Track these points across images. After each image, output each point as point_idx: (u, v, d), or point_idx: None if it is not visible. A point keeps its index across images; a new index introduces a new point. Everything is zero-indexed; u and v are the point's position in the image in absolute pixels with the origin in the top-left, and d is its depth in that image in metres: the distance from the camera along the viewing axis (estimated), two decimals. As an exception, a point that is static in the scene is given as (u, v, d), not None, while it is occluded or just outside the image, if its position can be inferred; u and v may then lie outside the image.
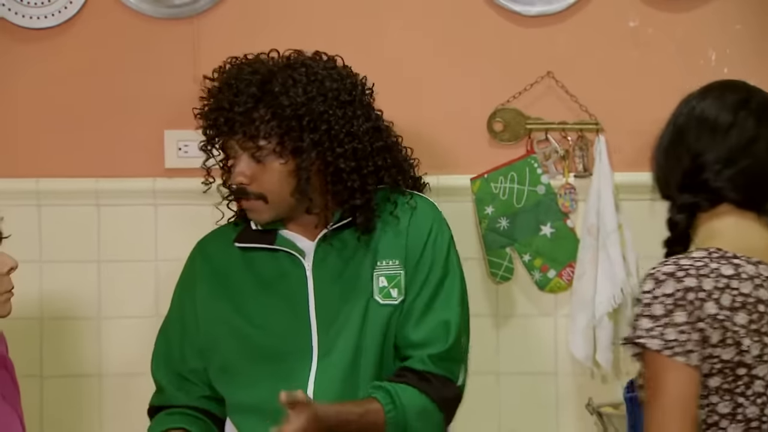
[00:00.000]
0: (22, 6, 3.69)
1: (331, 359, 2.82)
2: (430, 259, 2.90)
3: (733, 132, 2.68)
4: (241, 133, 2.80)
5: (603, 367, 3.55)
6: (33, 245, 3.66)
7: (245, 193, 2.82)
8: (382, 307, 2.85)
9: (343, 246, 2.86)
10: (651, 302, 2.53)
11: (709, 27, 3.65)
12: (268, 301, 2.86)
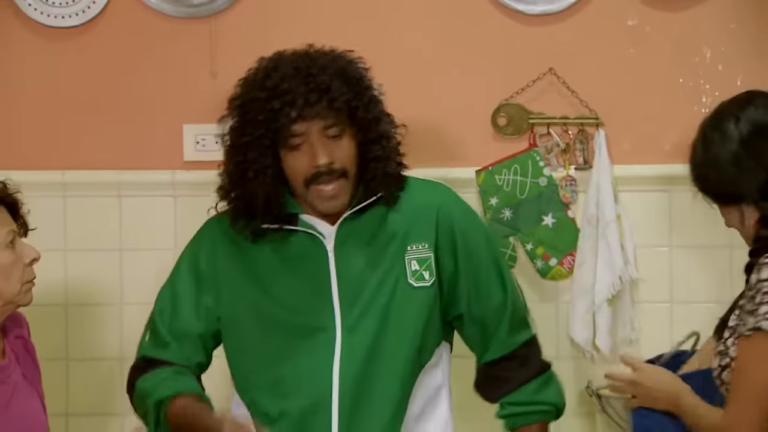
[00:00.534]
0: (47, 6, 3.72)
1: (357, 337, 2.77)
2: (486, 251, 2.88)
3: None
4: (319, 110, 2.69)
5: (602, 351, 3.57)
6: (58, 234, 3.68)
7: (332, 171, 2.71)
8: (417, 290, 2.81)
9: (364, 229, 2.81)
10: None
11: (704, 26, 3.65)
12: (289, 280, 2.80)
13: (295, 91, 2.68)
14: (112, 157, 3.74)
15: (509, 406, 2.89)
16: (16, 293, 2.81)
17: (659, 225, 3.64)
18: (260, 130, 2.73)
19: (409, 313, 2.80)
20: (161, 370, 2.84)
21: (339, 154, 2.72)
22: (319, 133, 2.70)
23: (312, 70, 2.72)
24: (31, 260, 2.85)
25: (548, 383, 2.91)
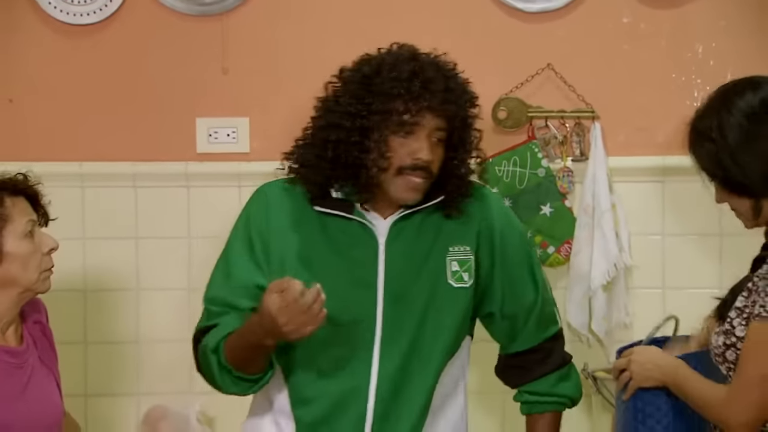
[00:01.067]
0: (66, 4, 3.73)
1: (397, 332, 2.76)
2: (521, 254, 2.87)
3: None
4: (443, 113, 2.67)
5: (597, 335, 3.60)
6: (77, 223, 3.69)
7: (427, 169, 2.69)
8: (456, 290, 2.80)
9: (414, 228, 2.78)
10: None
11: (696, 23, 3.66)
12: (337, 265, 2.76)
13: (435, 83, 2.66)
14: (127, 150, 3.74)
15: (527, 395, 2.92)
16: (34, 281, 2.80)
17: (652, 214, 3.67)
18: (386, 105, 2.66)
19: (446, 311, 2.80)
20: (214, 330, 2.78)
21: (436, 158, 2.71)
22: (432, 131, 2.69)
23: (450, 75, 2.72)
24: (49, 249, 2.84)
25: (567, 377, 2.93)
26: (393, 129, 2.68)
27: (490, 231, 2.83)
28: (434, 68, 2.70)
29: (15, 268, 2.76)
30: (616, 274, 3.59)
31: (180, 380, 3.35)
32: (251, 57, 3.73)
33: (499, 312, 2.87)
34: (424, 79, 2.64)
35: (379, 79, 2.65)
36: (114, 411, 3.74)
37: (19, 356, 2.81)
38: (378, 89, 2.65)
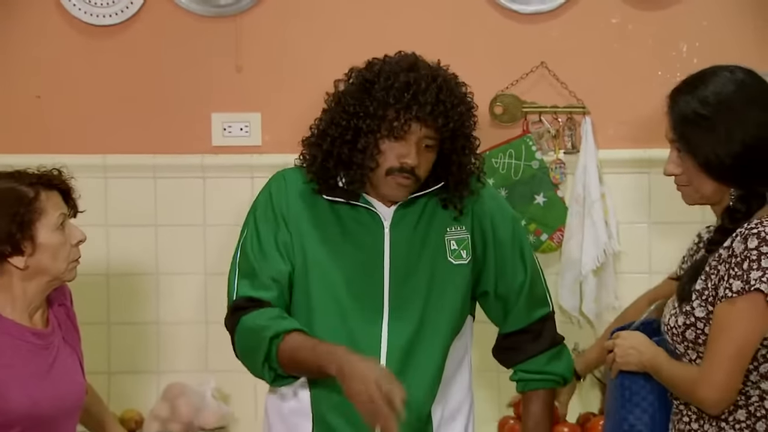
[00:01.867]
0: (89, 6, 3.74)
1: (403, 309, 2.78)
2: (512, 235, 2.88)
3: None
4: (432, 124, 2.68)
5: (588, 316, 3.62)
6: (100, 212, 3.70)
7: (413, 173, 2.72)
8: (456, 267, 2.82)
9: (414, 213, 2.81)
10: (759, 257, 2.53)
11: (680, 23, 3.66)
12: (349, 247, 2.79)
13: (426, 95, 2.68)
14: (147, 143, 3.76)
15: (521, 373, 2.93)
16: (62, 271, 2.79)
17: (639, 203, 3.67)
18: (381, 111, 2.69)
19: (449, 287, 2.82)
20: (268, 309, 2.75)
21: (424, 163, 2.74)
22: (420, 138, 2.71)
23: (444, 86, 2.72)
24: (77, 241, 2.83)
25: (558, 356, 2.94)
26: (384, 133, 2.71)
27: (482, 214, 2.85)
28: (428, 80, 2.72)
29: (46, 258, 2.75)
30: (605, 260, 3.60)
31: (197, 359, 3.36)
32: (263, 56, 3.74)
33: (493, 292, 2.88)
34: (416, 91, 2.67)
35: (377, 86, 2.69)
36: (135, 388, 3.74)
37: (45, 338, 2.82)
38: (374, 95, 2.69)
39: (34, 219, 2.73)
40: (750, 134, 2.59)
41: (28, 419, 2.70)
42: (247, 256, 2.80)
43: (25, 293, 2.77)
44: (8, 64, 3.79)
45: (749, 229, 2.55)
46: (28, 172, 2.81)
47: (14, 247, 2.71)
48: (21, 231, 2.71)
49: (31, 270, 2.75)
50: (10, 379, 2.69)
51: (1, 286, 2.75)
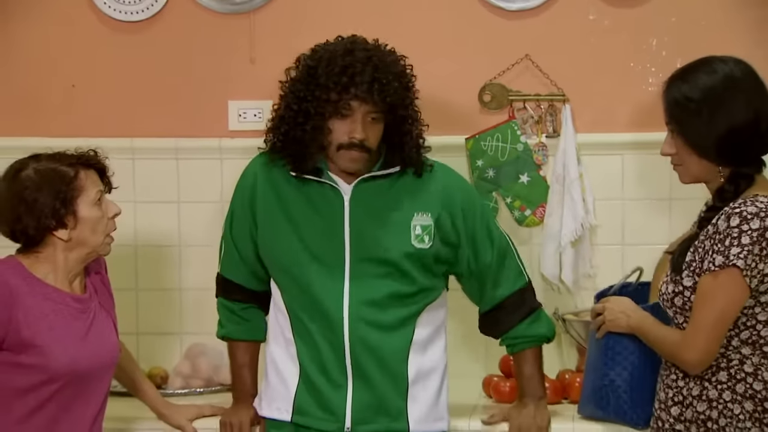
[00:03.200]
0: (118, 4, 3.75)
1: (364, 278, 2.84)
2: (480, 220, 2.93)
3: None
4: (371, 100, 2.74)
5: (566, 283, 3.63)
6: (128, 190, 3.61)
7: (362, 146, 2.78)
8: (417, 250, 2.86)
9: (378, 193, 2.87)
10: (740, 234, 2.55)
11: (651, 19, 3.64)
12: (313, 219, 2.86)
13: (362, 75, 2.73)
14: (170, 127, 3.77)
15: (508, 340, 3.02)
16: (100, 243, 2.84)
17: (613, 182, 3.67)
18: (324, 95, 2.75)
19: (409, 267, 2.86)
20: (234, 304, 3.03)
21: (371, 135, 2.79)
22: (364, 114, 2.77)
23: (380, 65, 2.76)
24: (113, 214, 2.88)
25: (537, 320, 3.01)
26: (330, 113, 2.77)
27: (450, 200, 2.90)
28: (364, 61, 2.76)
29: (86, 231, 2.80)
30: (583, 233, 3.60)
31: (216, 322, 3.33)
32: (275, 49, 3.73)
33: (467, 272, 2.95)
34: (353, 72, 2.73)
35: (319, 72, 2.76)
36: (161, 347, 3.76)
37: (83, 303, 2.85)
38: (318, 80, 2.76)
39: (75, 195, 2.78)
40: (735, 119, 2.63)
41: (70, 375, 2.75)
42: (226, 237, 3.04)
43: (66, 263, 2.81)
44: (46, 56, 3.80)
45: (733, 209, 2.59)
46: (68, 153, 2.86)
47: (59, 221, 2.76)
48: (64, 206, 2.76)
49: (73, 242, 2.80)
50: (53, 339, 2.74)
51: (45, 256, 2.80)
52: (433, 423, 2.90)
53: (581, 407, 3.09)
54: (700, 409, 2.67)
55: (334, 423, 2.84)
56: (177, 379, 3.57)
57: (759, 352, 2.64)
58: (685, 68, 2.74)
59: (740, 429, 2.64)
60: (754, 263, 2.56)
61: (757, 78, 2.70)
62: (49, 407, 2.74)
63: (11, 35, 3.80)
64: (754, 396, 2.63)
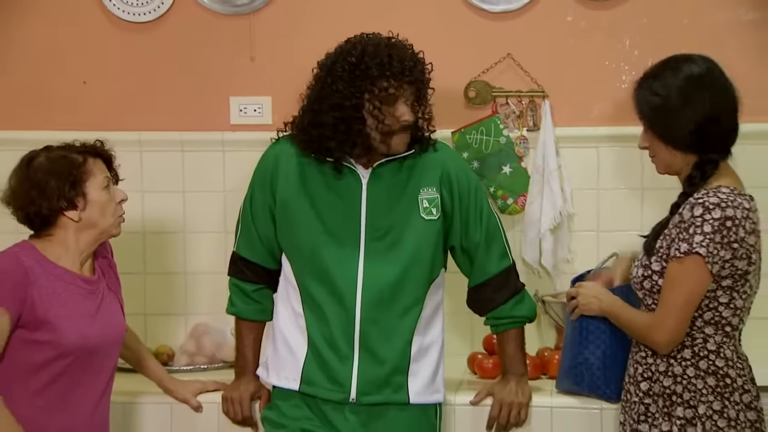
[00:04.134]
0: (127, 6, 3.76)
1: (375, 251, 2.84)
2: (474, 198, 2.95)
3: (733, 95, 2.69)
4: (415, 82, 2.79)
5: (546, 267, 3.66)
6: (136, 180, 3.73)
7: (411, 127, 2.83)
8: (427, 222, 2.88)
9: (390, 174, 2.87)
10: (702, 223, 2.57)
11: (624, 20, 3.65)
12: (331, 199, 2.86)
13: (406, 63, 2.77)
14: (176, 121, 3.78)
15: (492, 319, 3.04)
16: (110, 225, 2.87)
17: (590, 173, 3.68)
18: (373, 84, 2.75)
19: (420, 239, 2.88)
20: (246, 285, 3.03)
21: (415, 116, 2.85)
22: (408, 98, 2.81)
23: (409, 54, 2.80)
24: (120, 200, 2.91)
25: (521, 301, 3.03)
26: (381, 101, 2.76)
27: (449, 177, 2.92)
28: (402, 50, 2.81)
29: (95, 213, 2.83)
30: (561, 220, 3.61)
31: (218, 303, 3.27)
32: (273, 48, 3.77)
33: (459, 246, 2.97)
34: (399, 59, 2.76)
35: (364, 65, 2.76)
36: (167, 327, 3.77)
37: (93, 284, 2.88)
38: (365, 73, 2.76)
39: (84, 179, 2.81)
40: (700, 114, 2.65)
41: (80, 350, 2.78)
42: (246, 216, 2.99)
43: (78, 245, 2.84)
44: (60, 54, 3.80)
45: (696, 199, 2.62)
46: (76, 144, 2.89)
47: (69, 202, 2.79)
48: (74, 189, 2.80)
49: (83, 223, 2.82)
50: (65, 317, 2.76)
51: (58, 239, 2.83)
52: (430, 395, 2.93)
53: (558, 383, 3.12)
54: (666, 384, 2.71)
55: (340, 393, 2.85)
56: (182, 356, 3.58)
57: (721, 331, 2.68)
58: (654, 68, 2.76)
59: (702, 402, 2.67)
60: (716, 250, 2.59)
61: (721, 74, 2.72)
62: (61, 381, 2.77)
63: (27, 35, 3.81)
64: (716, 372, 2.67)
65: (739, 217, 2.59)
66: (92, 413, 2.84)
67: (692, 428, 2.68)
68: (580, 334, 2.99)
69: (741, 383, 2.68)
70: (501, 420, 3.01)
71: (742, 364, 2.70)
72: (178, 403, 3.14)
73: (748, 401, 2.68)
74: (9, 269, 2.72)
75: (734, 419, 2.66)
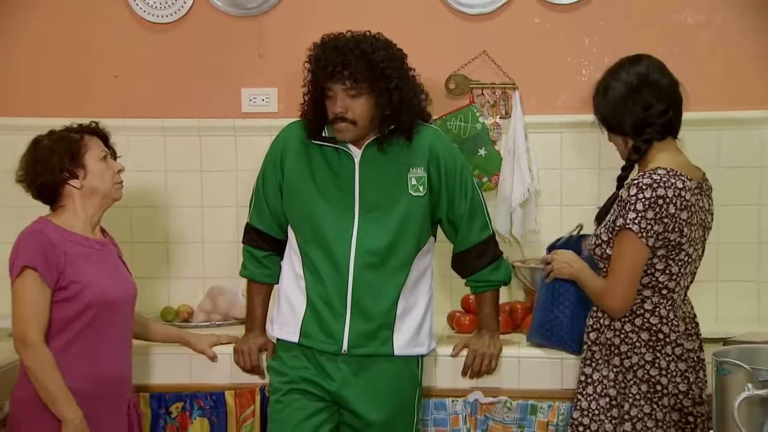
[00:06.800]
0: (152, 9, 3.76)
1: (368, 221, 2.84)
2: (460, 177, 2.93)
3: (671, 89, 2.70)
4: (345, 80, 2.77)
5: (516, 237, 3.67)
6: (160, 161, 3.76)
7: (344, 119, 2.80)
8: (414, 198, 2.88)
9: (381, 154, 2.86)
10: (635, 202, 2.59)
11: (584, 22, 3.66)
12: (330, 175, 2.87)
13: (331, 63, 2.77)
14: (194, 110, 3.78)
15: (472, 282, 3.05)
16: (110, 188, 2.87)
17: (554, 155, 3.69)
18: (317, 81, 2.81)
19: (408, 212, 2.88)
20: (258, 251, 3.02)
21: (353, 108, 2.80)
22: (341, 92, 2.79)
23: (345, 51, 2.78)
24: (118, 170, 2.92)
25: (499, 267, 3.03)
26: (324, 96, 2.83)
27: (436, 156, 2.91)
28: (342, 51, 2.77)
29: (96, 179, 2.84)
30: (529, 196, 3.62)
31: (231, 268, 3.27)
32: (279, 45, 3.77)
33: (446, 218, 2.96)
34: (332, 63, 2.77)
35: (315, 63, 2.82)
36: (187, 289, 3.77)
37: (105, 246, 2.90)
38: (313, 73, 2.83)
39: (83, 152, 2.84)
40: (639, 108, 2.67)
41: (101, 304, 2.79)
42: (257, 191, 3.00)
43: (86, 211, 2.85)
44: (93, 52, 3.80)
45: (633, 180, 2.63)
46: (75, 126, 2.91)
47: (71, 173, 2.82)
48: (74, 161, 2.82)
49: (86, 190, 2.84)
50: (87, 276, 2.79)
51: (68, 208, 2.85)
52: (413, 348, 2.94)
53: (529, 337, 3.15)
54: (608, 336, 2.75)
55: (333, 346, 2.87)
56: (200, 314, 3.59)
57: (658, 294, 2.70)
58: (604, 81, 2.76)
59: (636, 354, 2.71)
60: (649, 225, 2.60)
61: (662, 72, 2.73)
62: (88, 332, 2.79)
63: (64, 35, 3.80)
64: (650, 328, 2.70)
65: (670, 195, 2.59)
66: (116, 357, 2.85)
67: (627, 374, 2.71)
68: (552, 295, 3.00)
69: (674, 338, 2.70)
70: (474, 367, 3.04)
71: (677, 321, 2.71)
72: (196, 354, 3.15)
73: (679, 353, 2.70)
74: (39, 243, 2.73)
75: (665, 369, 2.69)
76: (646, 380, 2.69)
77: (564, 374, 3.04)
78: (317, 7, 3.76)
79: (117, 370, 2.86)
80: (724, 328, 3.27)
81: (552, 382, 3.05)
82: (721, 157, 3.58)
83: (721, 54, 3.62)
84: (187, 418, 3.15)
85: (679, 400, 2.69)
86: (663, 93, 2.69)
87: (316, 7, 3.76)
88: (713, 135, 3.58)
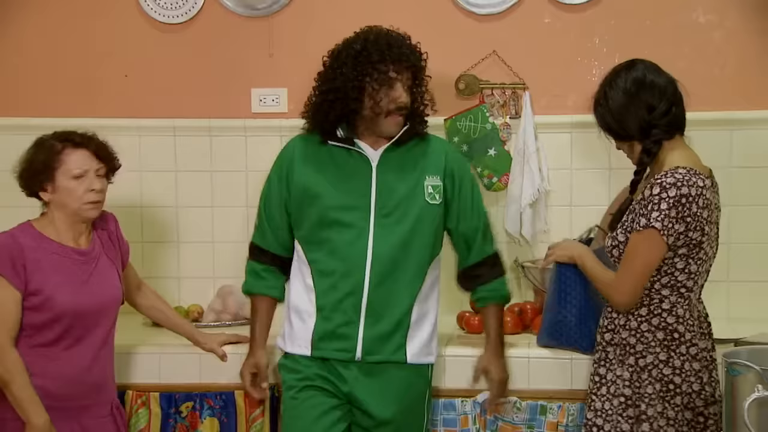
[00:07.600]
0: (163, 9, 3.77)
1: (384, 228, 2.80)
2: (471, 191, 2.93)
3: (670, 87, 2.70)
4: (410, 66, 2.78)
5: (525, 237, 3.66)
6: (170, 161, 3.75)
7: (406, 109, 2.80)
8: (431, 206, 2.85)
9: (398, 159, 2.84)
10: (659, 201, 2.58)
11: (595, 22, 3.66)
12: (344, 180, 2.83)
13: (403, 49, 2.77)
14: (204, 110, 3.78)
15: (485, 291, 2.98)
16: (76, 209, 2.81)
17: (564, 155, 3.68)
18: (366, 68, 2.73)
19: (424, 220, 2.85)
20: (258, 264, 2.97)
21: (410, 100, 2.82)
22: (405, 81, 2.78)
23: (406, 43, 2.81)
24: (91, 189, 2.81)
25: (506, 281, 3.02)
26: (380, 83, 2.75)
27: (452, 171, 2.90)
28: (400, 39, 2.81)
29: (62, 196, 2.80)
30: (539, 196, 3.61)
31: (241, 268, 3.25)
32: (289, 46, 3.77)
33: (455, 229, 2.94)
34: (397, 46, 2.75)
35: (366, 51, 2.76)
36: (197, 289, 3.76)
37: (85, 255, 2.86)
38: (366, 59, 2.75)
39: (54, 166, 2.80)
40: (642, 111, 2.68)
41: (72, 314, 2.78)
42: (259, 211, 2.96)
43: (62, 221, 2.83)
44: (103, 52, 3.80)
45: (656, 179, 2.63)
46: (68, 132, 2.85)
47: (40, 185, 2.80)
48: (45, 174, 2.80)
49: (55, 204, 2.82)
50: (57, 286, 2.77)
51: (48, 216, 2.85)
52: (425, 357, 2.92)
53: (540, 339, 3.13)
54: (623, 336, 2.74)
55: (346, 353, 2.84)
56: (210, 313, 3.60)
57: (676, 293, 2.69)
58: (598, 89, 2.77)
59: (651, 353, 2.70)
60: (671, 224, 2.60)
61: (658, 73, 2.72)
62: (62, 338, 2.78)
63: (77, 35, 3.80)
64: (666, 327, 2.69)
65: (693, 194, 2.59)
66: (90, 364, 2.84)
67: (642, 374, 2.71)
68: (559, 295, 3.00)
69: (689, 338, 2.70)
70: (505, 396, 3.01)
71: (693, 321, 2.71)
72: (206, 354, 3.15)
73: (694, 353, 2.70)
74: (8, 249, 2.73)
75: (679, 368, 2.69)
76: (659, 379, 2.69)
77: (573, 375, 3.02)
78: (327, 7, 3.76)
79: (93, 377, 2.84)
80: (735, 329, 3.25)
81: (562, 383, 3.04)
82: (733, 157, 3.57)
83: (732, 54, 3.60)
84: (197, 418, 3.15)
85: (691, 400, 2.69)
86: (663, 93, 2.69)
87: (326, 7, 3.76)
88: (725, 135, 3.57)
